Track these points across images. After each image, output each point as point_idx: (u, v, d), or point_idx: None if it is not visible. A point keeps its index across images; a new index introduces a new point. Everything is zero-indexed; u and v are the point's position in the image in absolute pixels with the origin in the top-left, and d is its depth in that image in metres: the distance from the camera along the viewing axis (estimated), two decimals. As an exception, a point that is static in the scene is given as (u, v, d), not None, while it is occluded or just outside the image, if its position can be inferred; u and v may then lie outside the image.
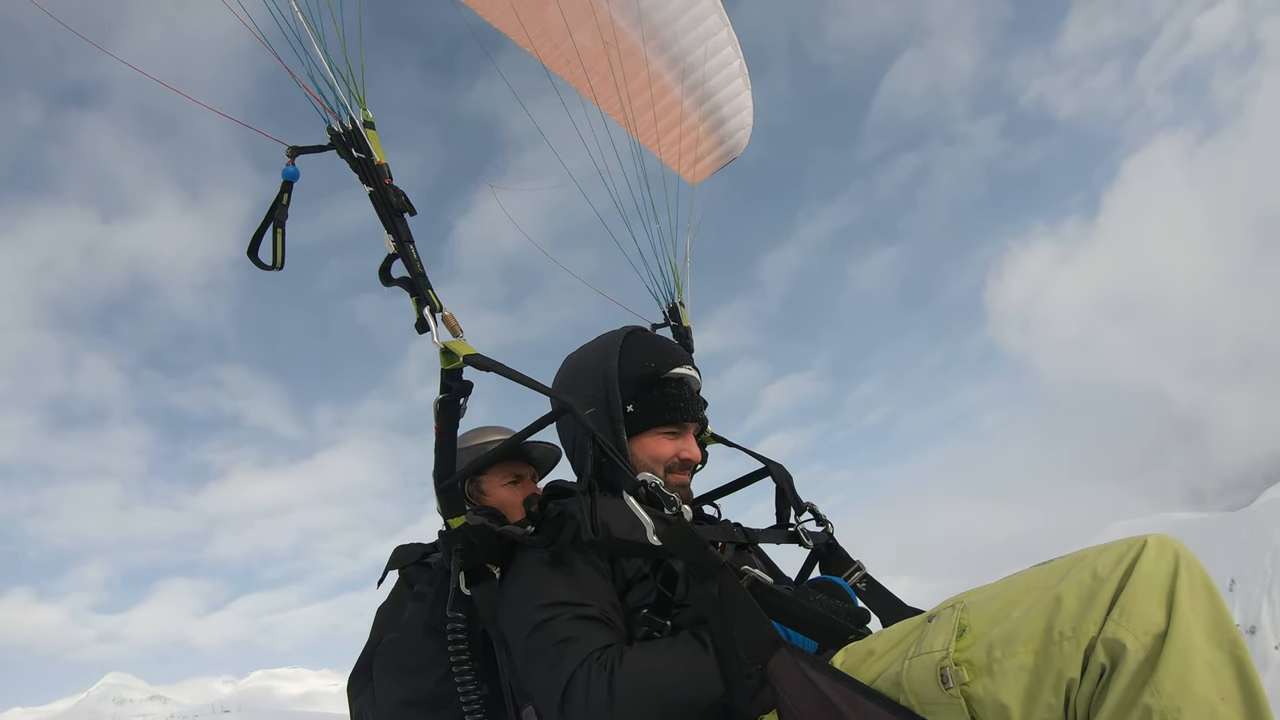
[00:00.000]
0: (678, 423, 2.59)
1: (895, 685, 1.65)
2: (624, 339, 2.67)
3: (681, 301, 3.75)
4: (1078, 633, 1.44)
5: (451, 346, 2.39)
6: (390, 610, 2.87)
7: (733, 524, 2.70)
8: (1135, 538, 1.52)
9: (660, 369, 2.60)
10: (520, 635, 2.12)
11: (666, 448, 2.58)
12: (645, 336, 2.76)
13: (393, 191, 2.54)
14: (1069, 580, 1.51)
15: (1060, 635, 1.45)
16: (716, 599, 1.93)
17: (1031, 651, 1.47)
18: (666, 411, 2.57)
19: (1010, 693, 1.48)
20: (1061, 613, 1.47)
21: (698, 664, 1.94)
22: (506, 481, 3.28)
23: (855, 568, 2.71)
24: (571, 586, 2.13)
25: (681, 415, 2.59)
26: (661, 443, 2.58)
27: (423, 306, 2.46)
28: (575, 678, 1.92)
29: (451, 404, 2.41)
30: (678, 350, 2.75)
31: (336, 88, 2.60)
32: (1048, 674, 1.45)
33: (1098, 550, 1.54)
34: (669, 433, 2.59)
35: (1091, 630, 1.43)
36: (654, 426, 2.57)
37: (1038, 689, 1.46)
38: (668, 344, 2.78)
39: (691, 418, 2.63)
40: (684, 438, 2.62)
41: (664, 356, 2.65)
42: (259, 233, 2.58)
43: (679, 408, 2.59)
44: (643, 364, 2.60)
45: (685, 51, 4.75)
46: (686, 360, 2.70)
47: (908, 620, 1.81)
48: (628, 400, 2.56)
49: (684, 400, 2.61)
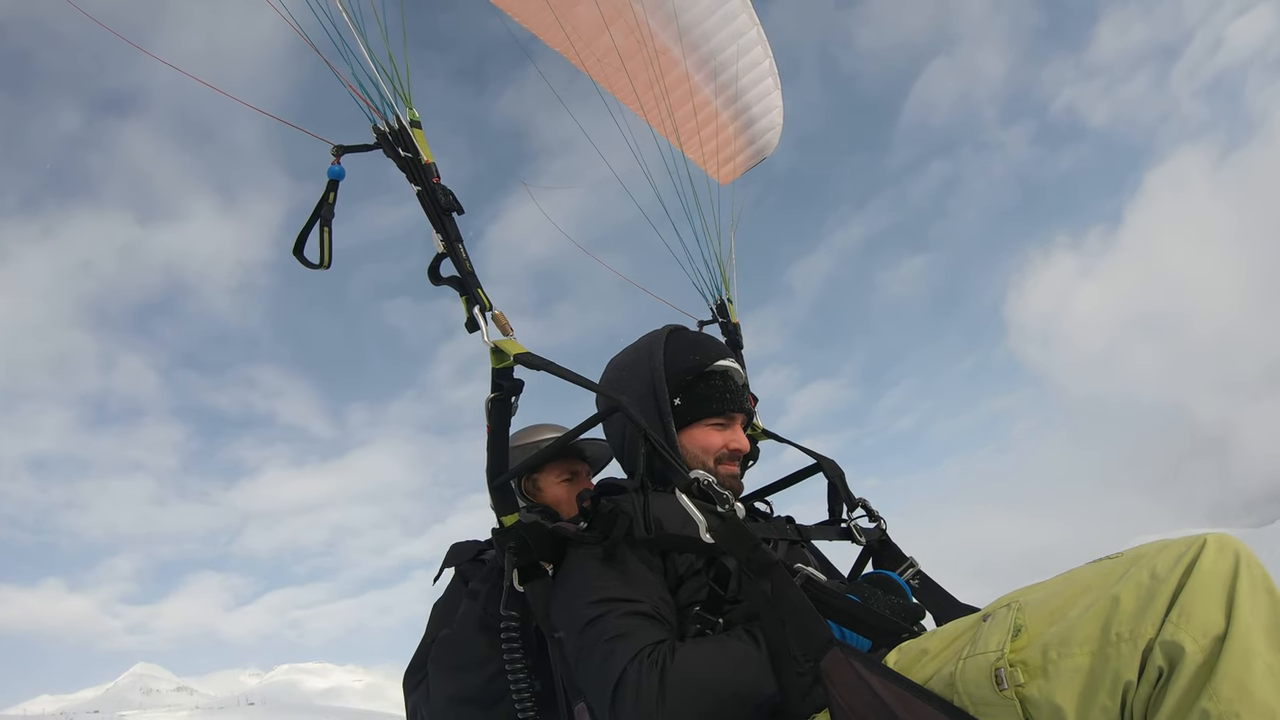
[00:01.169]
0: (724, 414, 2.61)
1: (949, 685, 1.61)
2: (667, 336, 2.71)
3: (729, 298, 3.75)
4: (1135, 634, 1.39)
5: (502, 345, 2.38)
6: (445, 607, 2.87)
7: (785, 520, 2.68)
8: (1195, 536, 1.47)
9: (705, 362, 2.63)
10: (572, 632, 2.12)
11: (715, 439, 2.59)
12: (687, 333, 2.79)
13: (441, 190, 2.53)
14: (1127, 580, 1.46)
15: (1118, 637, 1.41)
16: (769, 597, 1.91)
17: (1088, 653, 1.43)
18: (713, 403, 2.59)
19: (1065, 695, 1.44)
20: (1119, 613, 1.43)
21: (750, 661, 1.92)
22: (562, 479, 3.28)
23: (908, 564, 2.68)
24: (623, 583, 2.12)
25: (728, 406, 2.61)
26: (710, 434, 2.59)
27: (473, 305, 2.45)
28: (627, 674, 1.91)
29: (503, 403, 2.40)
30: (719, 344, 2.78)
31: (381, 87, 2.59)
32: (1104, 676, 1.41)
33: (1157, 548, 1.50)
34: (716, 424, 2.60)
35: (1149, 632, 1.39)
36: (701, 418, 2.59)
37: (1094, 691, 1.42)
38: (709, 339, 2.82)
39: (738, 408, 2.64)
40: (731, 429, 2.63)
41: (707, 350, 2.69)
42: (305, 231, 2.58)
43: (725, 399, 2.60)
44: (687, 358, 2.63)
45: (715, 51, 4.74)
46: (729, 354, 2.73)
47: (962, 619, 1.77)
48: (675, 394, 2.58)
49: (730, 391, 2.62)
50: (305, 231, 2.58)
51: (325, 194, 2.58)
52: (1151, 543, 1.54)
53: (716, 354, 2.68)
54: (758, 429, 3.24)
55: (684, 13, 4.55)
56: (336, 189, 2.59)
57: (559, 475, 3.28)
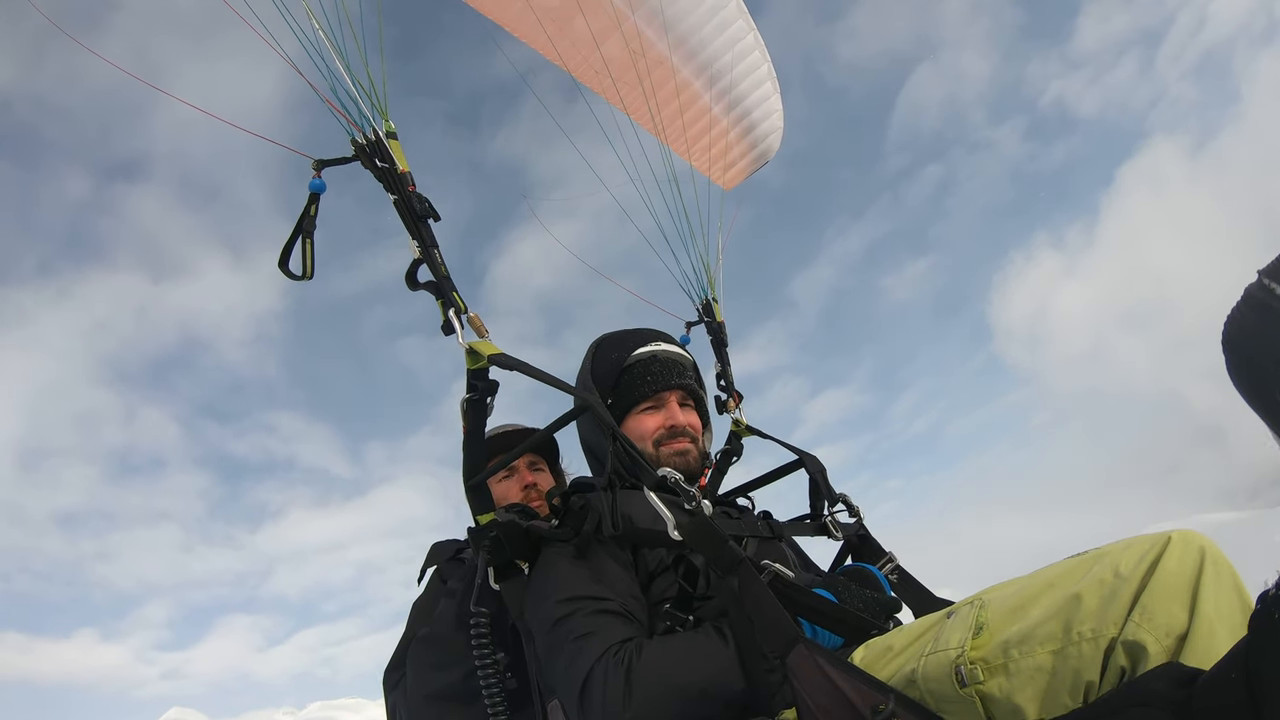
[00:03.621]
0: (649, 395, 2.65)
1: (911, 683, 1.60)
2: (596, 346, 2.81)
3: (715, 297, 3.77)
4: (1097, 634, 1.38)
5: (476, 347, 2.42)
6: (424, 606, 2.91)
7: (760, 516, 2.68)
8: (1161, 534, 1.45)
9: (623, 355, 2.70)
10: (542, 630, 2.14)
11: (648, 422, 2.63)
12: (611, 336, 2.85)
13: (416, 198, 2.59)
14: (1090, 578, 1.45)
15: (1079, 636, 1.39)
16: (736, 594, 1.90)
17: (1049, 652, 1.42)
18: (637, 389, 2.64)
19: (1026, 694, 1.43)
20: (1080, 612, 1.41)
21: (717, 658, 1.90)
22: (500, 477, 3.31)
23: (887, 559, 2.66)
24: (592, 580, 2.13)
25: (650, 388, 2.65)
26: (642, 420, 2.64)
27: (448, 308, 2.50)
28: (593, 672, 1.91)
29: (478, 403, 2.44)
30: (643, 334, 2.82)
31: (359, 101, 2.68)
32: (1065, 675, 1.39)
33: (1122, 546, 1.49)
34: (647, 408, 2.65)
35: (1111, 631, 1.37)
36: (631, 408, 2.65)
37: (1055, 691, 1.40)
38: (631, 333, 2.85)
39: (663, 386, 2.66)
40: (665, 409, 2.66)
41: (625, 343, 2.75)
42: (289, 244, 2.65)
43: (647, 380, 2.65)
44: (609, 358, 2.72)
45: (713, 58, 4.76)
46: (652, 339, 2.78)
47: (927, 617, 1.76)
48: (605, 395, 2.66)
49: (651, 374, 2.66)
50: (289, 245, 2.66)
51: (306, 207, 2.66)
52: (1118, 541, 1.52)
53: (636, 344, 2.73)
54: (742, 425, 3.24)
55: (680, 21, 4.58)
56: (317, 202, 2.67)
57: (496, 474, 3.26)
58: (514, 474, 3.32)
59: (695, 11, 4.64)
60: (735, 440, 3.25)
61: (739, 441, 3.23)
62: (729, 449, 3.24)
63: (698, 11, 4.65)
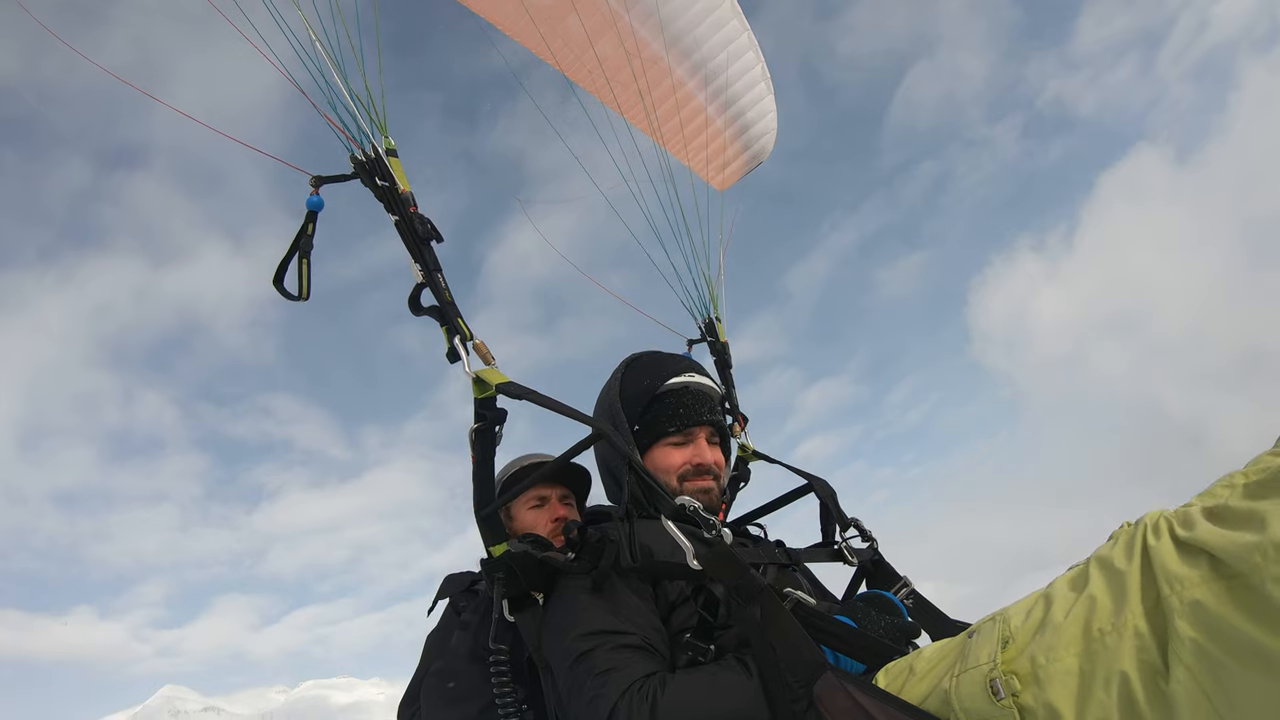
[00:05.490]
0: (680, 430, 2.61)
1: (945, 703, 1.60)
2: (625, 367, 2.76)
3: (718, 316, 3.73)
4: (1118, 626, 1.41)
5: (484, 375, 2.35)
6: (439, 638, 2.87)
7: (775, 544, 2.65)
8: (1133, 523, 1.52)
9: (655, 384, 2.65)
10: (563, 666, 2.10)
11: (675, 457, 2.59)
12: (645, 358, 2.80)
13: (418, 220, 2.51)
14: (1093, 581, 1.49)
15: (1100, 632, 1.42)
16: (759, 623, 1.89)
17: (1074, 654, 1.45)
18: (667, 422, 2.60)
19: (1060, 697, 1.44)
20: (1097, 612, 1.45)
21: (741, 690, 1.89)
22: (530, 505, 3.27)
23: (902, 583, 2.65)
24: (612, 614, 2.11)
25: (682, 422, 2.61)
26: (669, 453, 2.60)
27: (453, 336, 2.43)
28: (618, 709, 1.89)
29: (487, 433, 2.38)
30: (676, 362, 2.77)
31: (358, 116, 2.59)
32: (1096, 672, 1.42)
33: (1107, 546, 1.54)
34: (674, 442, 2.61)
35: (1132, 619, 1.39)
36: (659, 439, 2.60)
37: (1089, 688, 1.42)
38: (666, 359, 2.81)
39: (694, 422, 2.62)
40: (693, 444, 2.62)
41: (660, 371, 2.70)
42: (284, 263, 2.58)
43: (679, 414, 2.61)
44: (640, 383, 2.66)
45: (707, 58, 4.72)
46: (686, 369, 2.73)
47: (947, 639, 1.77)
48: (633, 421, 2.61)
49: (684, 407, 2.62)
50: (285, 263, 2.58)
51: (304, 225, 2.57)
52: (1101, 545, 1.57)
53: (670, 373, 2.68)
54: (748, 450, 3.21)
55: (674, 21, 4.52)
56: (315, 220, 2.58)
57: (528, 502, 3.26)
58: (545, 505, 3.28)
59: (689, 11, 4.58)
60: (742, 465, 3.22)
61: (746, 466, 3.20)
62: (736, 474, 3.20)
63: (692, 11, 4.59)
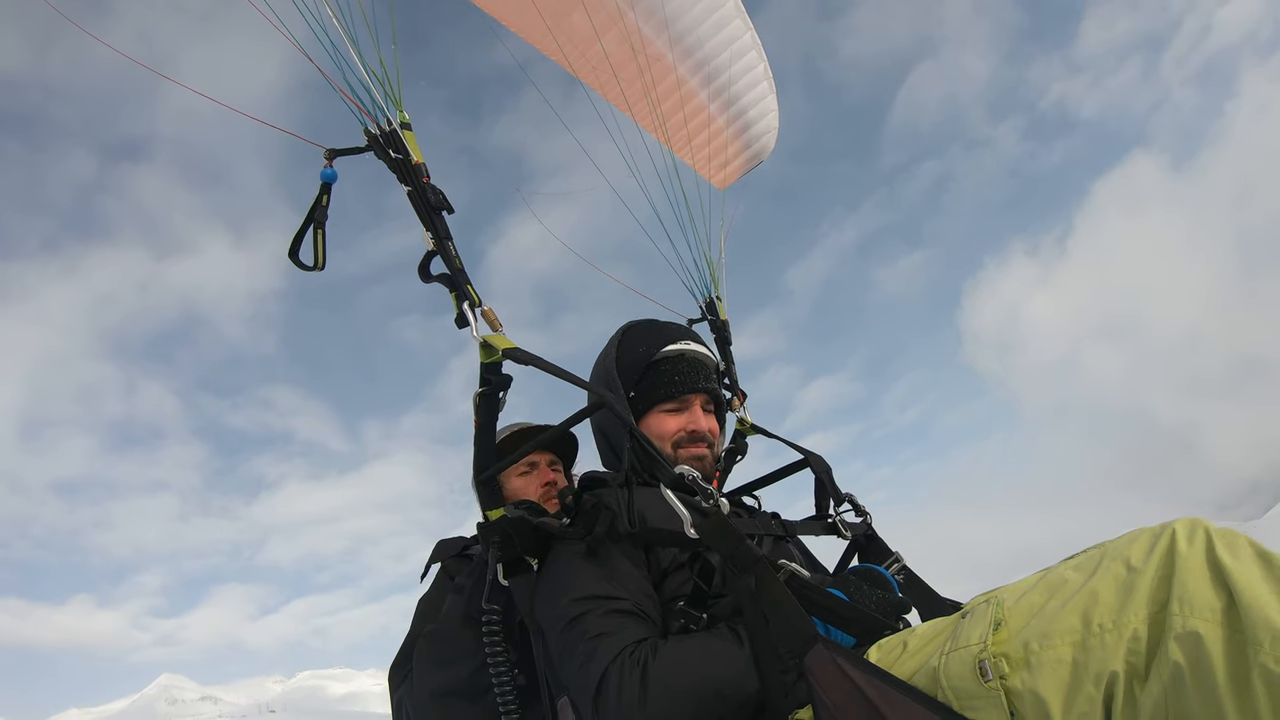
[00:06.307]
0: (675, 397, 2.63)
1: (932, 680, 1.61)
2: (622, 334, 2.77)
3: (718, 295, 3.78)
4: (1119, 625, 1.39)
5: (491, 340, 2.39)
6: (431, 602, 2.87)
7: (771, 515, 2.68)
8: (1163, 524, 1.48)
9: (652, 350, 2.67)
10: (555, 630, 2.11)
11: (669, 423, 2.61)
12: (641, 325, 2.82)
13: (430, 190, 2.56)
14: (1101, 573, 1.47)
15: (1100, 628, 1.41)
16: (753, 593, 1.90)
17: (1069, 645, 1.44)
18: (662, 388, 2.62)
19: (1049, 686, 1.44)
20: (1099, 606, 1.43)
21: (733, 658, 1.90)
22: (519, 471, 3.27)
23: (894, 558, 2.68)
24: (606, 579, 2.12)
25: (678, 389, 2.63)
26: (664, 420, 2.62)
27: (462, 301, 2.47)
28: (609, 674, 1.90)
29: (491, 397, 2.42)
30: (673, 330, 2.80)
31: (373, 91, 2.64)
32: (1088, 667, 1.41)
33: (1126, 541, 1.51)
34: (670, 409, 2.63)
35: (1133, 621, 1.38)
36: (654, 406, 2.62)
37: (1078, 682, 1.42)
38: (663, 327, 2.83)
39: (689, 389, 2.64)
40: (688, 412, 2.64)
41: (656, 338, 2.72)
42: (299, 234, 2.62)
43: (675, 381, 2.63)
44: (636, 350, 2.68)
45: (710, 56, 4.77)
46: (683, 337, 2.75)
47: (940, 618, 1.77)
48: (629, 388, 2.63)
49: (680, 374, 2.64)
50: (300, 235, 2.62)
51: (318, 197, 2.62)
52: (1120, 536, 1.54)
53: (666, 340, 2.70)
54: (746, 424, 3.25)
55: (677, 19, 4.58)
56: (329, 191, 2.63)
57: (517, 468, 3.26)
58: (534, 470, 3.28)
59: (693, 9, 4.64)
60: (740, 439, 3.25)
61: (743, 440, 3.24)
62: (733, 447, 3.23)
63: (695, 9, 4.65)
